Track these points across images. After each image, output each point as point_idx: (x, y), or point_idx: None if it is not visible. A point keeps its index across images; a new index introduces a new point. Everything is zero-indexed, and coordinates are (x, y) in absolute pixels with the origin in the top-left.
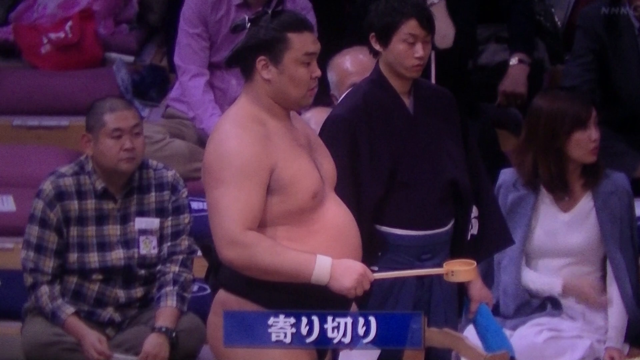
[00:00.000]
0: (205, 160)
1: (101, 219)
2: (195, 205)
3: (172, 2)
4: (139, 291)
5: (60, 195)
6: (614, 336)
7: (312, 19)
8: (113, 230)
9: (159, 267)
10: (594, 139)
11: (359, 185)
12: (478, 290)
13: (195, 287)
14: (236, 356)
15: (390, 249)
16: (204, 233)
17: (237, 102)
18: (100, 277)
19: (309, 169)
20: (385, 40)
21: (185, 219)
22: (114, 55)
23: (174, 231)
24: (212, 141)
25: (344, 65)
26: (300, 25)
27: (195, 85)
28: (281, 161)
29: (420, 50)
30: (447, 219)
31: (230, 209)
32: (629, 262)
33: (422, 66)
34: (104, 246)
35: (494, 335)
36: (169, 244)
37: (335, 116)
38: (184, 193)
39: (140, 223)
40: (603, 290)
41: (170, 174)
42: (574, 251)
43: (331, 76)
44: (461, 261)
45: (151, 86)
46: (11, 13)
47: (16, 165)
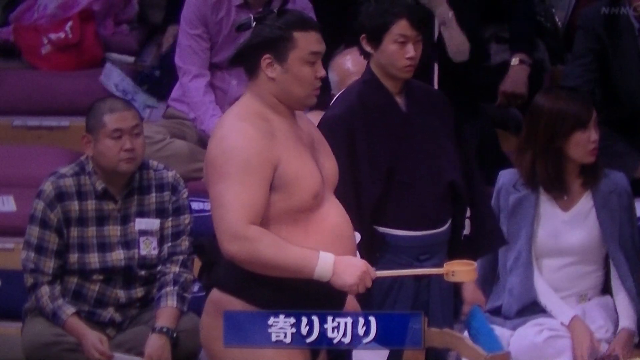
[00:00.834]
0: (209, 154)
1: (101, 220)
2: (195, 205)
3: (172, 2)
4: (139, 291)
5: (61, 196)
6: (626, 317)
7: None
8: (113, 231)
9: (159, 268)
10: (593, 140)
11: (358, 185)
12: (471, 292)
13: (196, 287)
14: (230, 356)
15: (389, 249)
16: (200, 232)
17: (241, 100)
18: (101, 277)
19: (312, 168)
20: (376, 42)
21: (186, 219)
22: (114, 55)
23: (175, 232)
24: (215, 136)
25: (345, 65)
26: (306, 24)
27: (196, 87)
28: (284, 158)
29: (411, 51)
30: (445, 218)
31: (233, 203)
32: (631, 260)
33: (413, 66)
34: (104, 247)
35: (485, 337)
36: (169, 244)
37: (332, 116)
38: (185, 193)
39: (140, 224)
40: (605, 293)
41: (170, 175)
42: (575, 250)
43: (332, 76)
44: (461, 261)
45: (161, 78)
46: (11, 13)
47: (16, 165)
